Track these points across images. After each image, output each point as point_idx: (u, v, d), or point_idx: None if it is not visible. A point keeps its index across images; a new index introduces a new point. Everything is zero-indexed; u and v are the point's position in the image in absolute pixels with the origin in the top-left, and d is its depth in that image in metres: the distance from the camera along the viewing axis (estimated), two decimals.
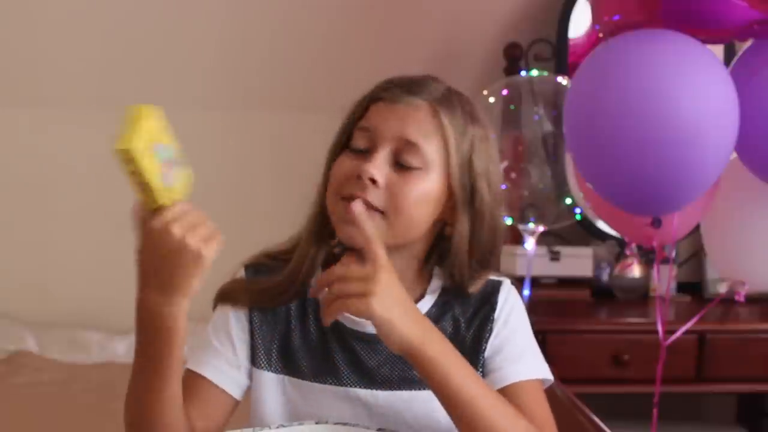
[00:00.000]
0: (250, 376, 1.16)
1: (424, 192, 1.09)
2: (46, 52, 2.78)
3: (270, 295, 1.15)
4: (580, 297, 2.77)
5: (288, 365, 1.14)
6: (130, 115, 0.89)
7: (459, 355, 1.03)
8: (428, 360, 0.99)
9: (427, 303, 1.17)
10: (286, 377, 1.14)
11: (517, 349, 1.15)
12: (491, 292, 1.17)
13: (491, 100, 2.58)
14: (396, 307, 0.98)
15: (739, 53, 1.78)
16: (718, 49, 2.61)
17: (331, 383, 1.12)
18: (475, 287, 1.16)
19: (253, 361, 1.15)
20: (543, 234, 2.61)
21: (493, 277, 1.19)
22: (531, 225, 2.56)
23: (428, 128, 1.09)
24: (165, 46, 2.79)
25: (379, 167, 1.07)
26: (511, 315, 1.17)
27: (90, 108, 2.85)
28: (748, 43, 1.76)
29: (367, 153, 1.09)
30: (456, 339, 1.14)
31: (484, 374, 1.14)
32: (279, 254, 1.19)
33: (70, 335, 2.69)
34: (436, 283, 1.18)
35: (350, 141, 1.12)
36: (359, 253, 1.05)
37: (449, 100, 1.12)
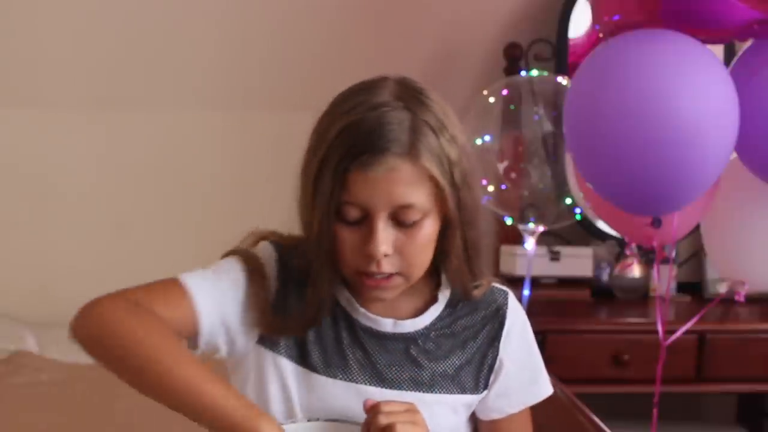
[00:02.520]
0: (243, 348, 1.12)
1: (429, 236, 1.08)
2: (46, 52, 2.78)
3: (297, 324, 1.12)
4: (580, 297, 2.77)
5: (299, 355, 1.12)
6: None
7: None
8: None
9: (438, 307, 1.17)
10: (298, 366, 1.12)
11: (533, 371, 1.21)
12: (497, 307, 1.19)
13: (491, 100, 2.58)
14: None
15: (739, 53, 1.78)
16: (718, 49, 2.61)
17: (341, 378, 1.11)
18: (479, 290, 1.17)
19: (262, 340, 1.12)
20: (543, 234, 2.61)
21: (495, 284, 1.20)
22: (531, 225, 2.56)
23: (414, 181, 1.05)
24: (165, 46, 2.79)
25: (385, 240, 1.05)
26: (524, 336, 1.21)
27: (90, 108, 2.85)
28: (748, 43, 1.76)
29: (363, 221, 1.06)
30: (463, 349, 1.16)
31: (495, 395, 1.18)
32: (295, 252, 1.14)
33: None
34: (447, 287, 1.18)
35: (340, 209, 1.07)
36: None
37: (419, 132, 1.04)
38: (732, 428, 2.93)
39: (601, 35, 1.78)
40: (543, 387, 1.22)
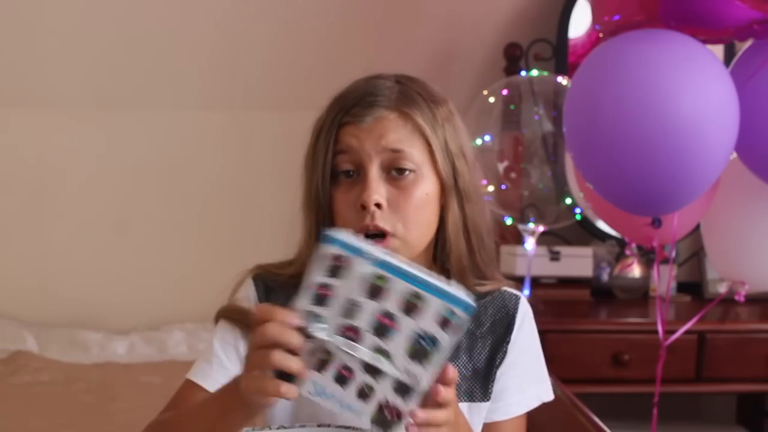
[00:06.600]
0: None
1: (424, 193, 1.09)
2: (46, 52, 2.78)
3: None
4: (580, 297, 2.77)
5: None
6: None
7: None
8: None
9: None
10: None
11: (530, 377, 1.17)
12: (507, 312, 1.16)
13: (491, 100, 2.58)
14: None
15: (739, 53, 1.78)
16: (718, 49, 2.61)
17: None
18: (484, 288, 1.15)
19: None
20: (543, 234, 2.61)
21: (506, 288, 1.18)
22: (531, 225, 2.56)
23: (405, 134, 1.08)
24: (165, 46, 2.79)
25: (377, 190, 1.07)
26: (529, 341, 1.17)
27: (90, 108, 2.85)
28: (748, 43, 1.76)
29: (356, 175, 1.09)
30: (471, 356, 1.14)
31: (493, 399, 1.14)
32: (285, 277, 1.15)
33: (70, 335, 2.69)
34: None
35: (335, 167, 1.10)
36: None
37: (408, 96, 1.11)
38: (732, 428, 2.93)
39: (601, 35, 1.78)
40: (540, 392, 1.17)
